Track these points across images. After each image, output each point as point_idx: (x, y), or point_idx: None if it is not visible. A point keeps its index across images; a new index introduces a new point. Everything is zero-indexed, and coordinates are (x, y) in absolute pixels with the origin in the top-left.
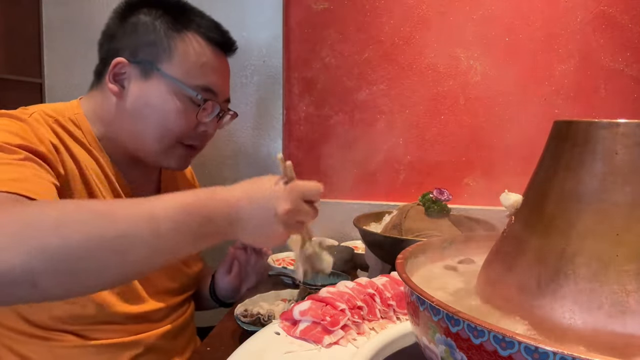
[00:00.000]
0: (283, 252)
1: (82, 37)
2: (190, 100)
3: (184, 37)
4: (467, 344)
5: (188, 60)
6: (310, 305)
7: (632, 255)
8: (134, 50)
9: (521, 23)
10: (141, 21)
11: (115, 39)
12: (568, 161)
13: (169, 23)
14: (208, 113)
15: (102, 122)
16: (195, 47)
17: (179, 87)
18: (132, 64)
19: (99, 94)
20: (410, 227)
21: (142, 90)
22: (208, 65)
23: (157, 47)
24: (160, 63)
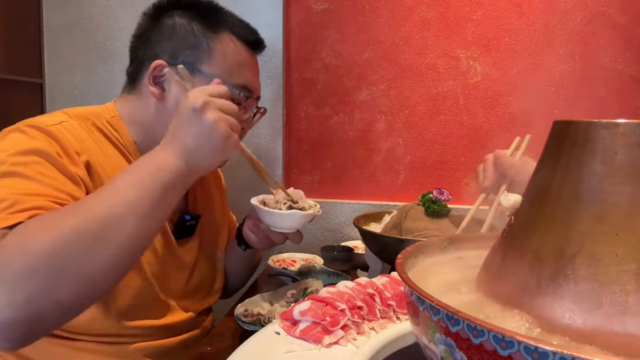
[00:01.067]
0: (283, 253)
1: (83, 38)
2: (231, 99)
3: (220, 37)
4: (466, 343)
5: (227, 60)
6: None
7: (631, 255)
8: (173, 52)
9: (521, 23)
10: (177, 24)
11: (150, 41)
12: (568, 161)
13: (205, 24)
14: (247, 110)
15: (140, 125)
16: (232, 47)
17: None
18: (172, 66)
19: (136, 97)
20: (410, 227)
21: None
22: (244, 63)
23: (197, 49)
24: (200, 64)
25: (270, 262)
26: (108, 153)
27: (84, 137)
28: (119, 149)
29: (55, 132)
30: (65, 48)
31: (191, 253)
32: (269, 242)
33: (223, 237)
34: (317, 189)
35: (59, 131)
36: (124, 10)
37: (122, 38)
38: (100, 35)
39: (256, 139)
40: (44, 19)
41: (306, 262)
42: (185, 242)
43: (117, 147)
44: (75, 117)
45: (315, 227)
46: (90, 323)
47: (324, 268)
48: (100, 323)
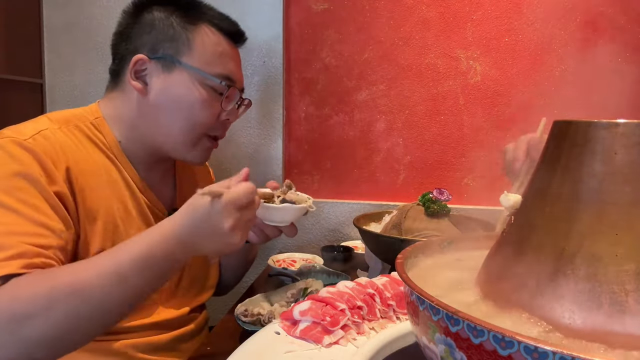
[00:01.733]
0: (283, 253)
1: (83, 38)
2: (213, 89)
3: (199, 29)
4: (466, 343)
5: (206, 51)
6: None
7: (631, 255)
8: (153, 46)
9: (521, 23)
10: (156, 18)
11: (130, 37)
12: (568, 161)
13: (184, 17)
14: (230, 100)
15: (124, 123)
16: (211, 38)
17: (202, 76)
18: (152, 60)
19: (119, 95)
20: (410, 227)
21: (165, 83)
22: (225, 54)
23: (177, 41)
24: (180, 56)
25: (270, 262)
26: (91, 155)
27: (64, 141)
28: (103, 150)
29: (32, 147)
30: (65, 48)
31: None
32: (263, 236)
33: None
34: (317, 189)
35: (36, 144)
36: None
37: None
38: (100, 35)
39: (256, 139)
40: (44, 19)
41: (306, 262)
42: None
43: (100, 149)
44: (57, 121)
45: (315, 227)
46: None
47: (324, 268)
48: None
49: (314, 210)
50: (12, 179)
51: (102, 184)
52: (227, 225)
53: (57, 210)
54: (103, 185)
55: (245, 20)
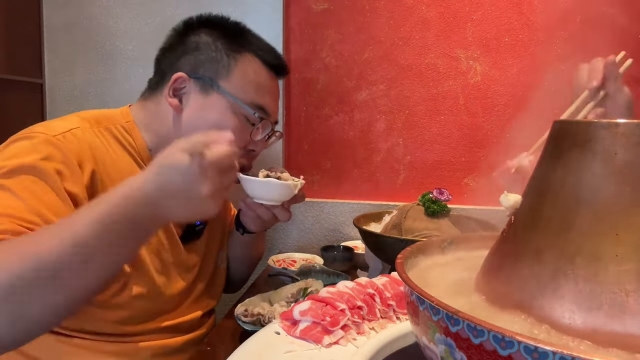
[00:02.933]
0: (283, 253)
1: (83, 38)
2: (246, 118)
3: (242, 57)
4: (466, 343)
5: (246, 79)
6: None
7: (631, 255)
8: (194, 66)
9: (521, 23)
10: (202, 40)
11: (174, 54)
12: (568, 161)
13: (229, 43)
14: (260, 132)
15: (155, 133)
16: (253, 68)
17: (237, 104)
18: (192, 79)
19: (153, 106)
20: (410, 227)
21: (201, 105)
22: (263, 85)
23: (218, 64)
24: (219, 80)
25: (270, 262)
26: (120, 158)
27: (93, 142)
28: (131, 154)
29: (60, 144)
30: (65, 48)
31: (197, 255)
32: (259, 221)
33: (226, 234)
34: (317, 189)
35: (65, 141)
36: (124, 10)
37: (122, 38)
38: (100, 35)
39: None
40: (44, 19)
41: (306, 262)
42: (192, 245)
43: (129, 152)
44: (88, 120)
45: (315, 227)
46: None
47: (324, 268)
48: (101, 324)
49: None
50: (26, 171)
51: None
52: (205, 190)
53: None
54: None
55: (245, 20)
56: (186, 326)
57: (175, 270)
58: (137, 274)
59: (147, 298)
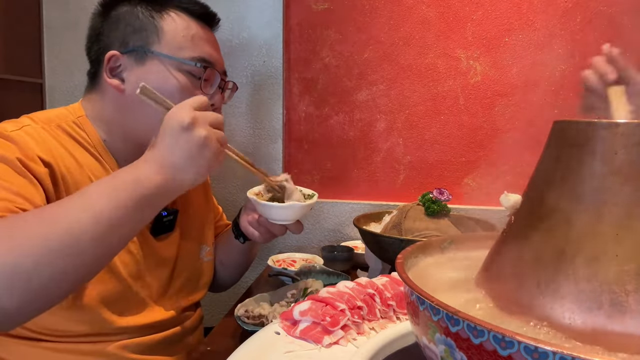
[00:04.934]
0: (283, 253)
1: (83, 38)
2: (190, 74)
3: (166, 15)
4: (466, 343)
5: (177, 36)
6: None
7: (631, 255)
8: (123, 40)
9: (521, 23)
10: (121, 12)
11: (101, 37)
12: (568, 161)
13: (149, 6)
14: (210, 83)
15: (106, 122)
16: (181, 23)
17: (175, 62)
18: (124, 55)
19: (98, 94)
20: (410, 227)
21: (140, 75)
22: (197, 37)
23: (145, 31)
24: (151, 45)
25: (270, 262)
26: (76, 154)
27: (47, 140)
28: (87, 149)
29: (16, 137)
30: (65, 48)
31: (171, 248)
32: (270, 235)
33: (209, 229)
34: (317, 189)
35: (20, 136)
36: None
37: None
38: None
39: (256, 139)
40: (44, 19)
41: (306, 262)
42: (164, 237)
43: (84, 148)
44: (39, 120)
45: (315, 227)
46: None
47: (324, 268)
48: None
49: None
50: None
51: (87, 183)
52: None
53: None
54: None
55: (245, 20)
56: (165, 323)
57: (145, 265)
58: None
59: (115, 295)
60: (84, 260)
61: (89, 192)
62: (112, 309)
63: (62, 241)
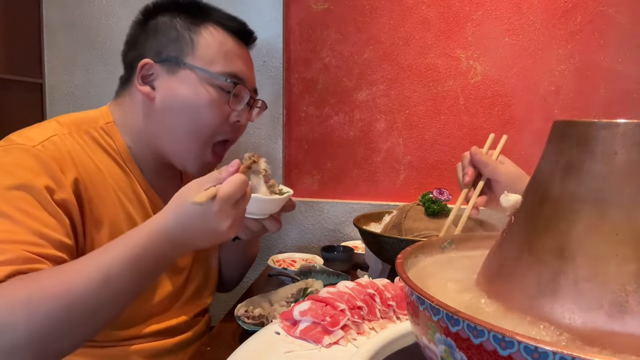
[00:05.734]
0: (283, 253)
1: (83, 37)
2: (220, 88)
3: (203, 29)
4: (466, 343)
5: (211, 50)
6: (310, 306)
7: (631, 255)
8: (157, 50)
9: (521, 23)
10: (160, 22)
11: (138, 44)
12: (568, 161)
13: (187, 18)
14: (239, 100)
15: (133, 128)
16: (217, 37)
17: (207, 76)
18: (158, 64)
19: (127, 100)
20: (410, 227)
21: (171, 85)
22: (231, 52)
23: (180, 42)
24: (184, 56)
25: (270, 262)
26: (100, 162)
27: (73, 149)
28: (113, 157)
29: (41, 154)
30: (65, 48)
31: (188, 257)
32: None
33: None
34: (317, 189)
35: (45, 151)
36: (124, 10)
37: (122, 38)
38: (100, 35)
39: (256, 139)
40: (43, 19)
41: (306, 262)
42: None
43: (110, 156)
44: (67, 126)
45: (315, 227)
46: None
47: (324, 268)
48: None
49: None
50: (15, 190)
51: (110, 192)
52: (224, 226)
53: (59, 220)
54: (110, 192)
55: (245, 20)
56: (177, 328)
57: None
58: None
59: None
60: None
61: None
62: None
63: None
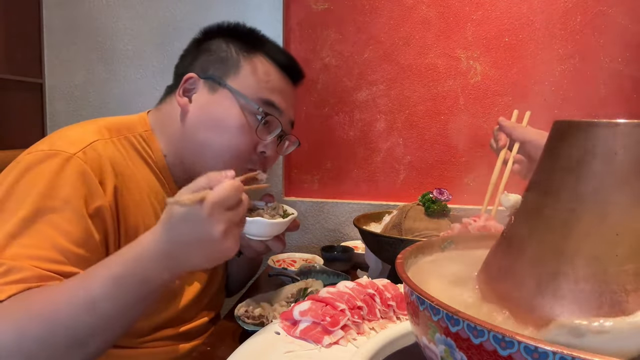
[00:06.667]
0: (283, 253)
1: (83, 37)
2: (253, 115)
3: (253, 57)
4: (466, 343)
5: (254, 77)
6: (310, 306)
7: (631, 255)
8: (205, 67)
9: (521, 23)
10: (215, 42)
11: (189, 59)
12: (568, 161)
13: (242, 44)
14: (268, 131)
15: (168, 137)
16: (263, 66)
17: (242, 100)
18: (202, 79)
19: (167, 108)
20: (410, 227)
21: (207, 102)
22: (272, 83)
23: (227, 64)
24: (227, 78)
25: (270, 262)
26: (139, 171)
27: (113, 156)
28: (150, 165)
29: (82, 163)
30: (65, 48)
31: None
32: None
33: None
34: (317, 189)
35: (86, 159)
36: (124, 10)
37: (123, 38)
38: (100, 35)
39: None
40: (44, 19)
41: (306, 262)
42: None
43: (147, 164)
44: (109, 130)
45: (315, 227)
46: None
47: (324, 268)
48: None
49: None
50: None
51: (145, 201)
52: (217, 231)
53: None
54: (146, 201)
55: (245, 20)
56: (196, 331)
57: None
58: None
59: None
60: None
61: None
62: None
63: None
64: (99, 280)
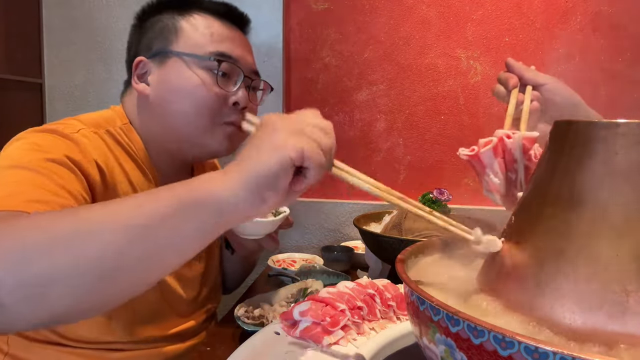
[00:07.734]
0: (283, 253)
1: (83, 37)
2: (209, 69)
3: (188, 16)
4: (467, 343)
5: (196, 34)
6: (310, 306)
7: (632, 255)
8: (147, 46)
9: (521, 23)
10: (150, 20)
11: (132, 46)
12: (568, 161)
13: (175, 11)
14: (232, 80)
15: (141, 128)
16: (201, 22)
17: (194, 60)
18: (150, 59)
19: (131, 100)
20: (410, 227)
21: (161, 77)
22: (217, 34)
23: (165, 33)
24: (170, 45)
25: (270, 262)
26: (124, 164)
27: (99, 146)
28: (133, 158)
29: (78, 141)
30: (65, 48)
31: (201, 264)
32: (244, 249)
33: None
34: (317, 189)
35: (81, 140)
36: (124, 10)
37: (122, 38)
38: (100, 35)
39: None
40: (43, 19)
41: (306, 262)
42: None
43: (131, 157)
44: (89, 124)
45: (315, 227)
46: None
47: (324, 268)
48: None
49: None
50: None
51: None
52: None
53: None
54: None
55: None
56: (191, 331)
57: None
58: None
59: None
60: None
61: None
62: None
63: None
64: (163, 199)
